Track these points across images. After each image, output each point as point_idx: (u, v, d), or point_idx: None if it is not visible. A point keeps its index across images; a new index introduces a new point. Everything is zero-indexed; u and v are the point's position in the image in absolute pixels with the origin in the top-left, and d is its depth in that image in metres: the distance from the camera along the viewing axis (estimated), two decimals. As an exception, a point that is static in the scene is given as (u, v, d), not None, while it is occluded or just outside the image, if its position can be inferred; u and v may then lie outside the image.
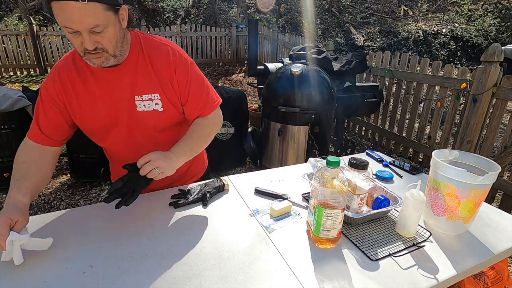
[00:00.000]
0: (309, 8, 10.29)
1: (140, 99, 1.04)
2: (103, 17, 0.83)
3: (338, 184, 0.85)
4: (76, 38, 0.85)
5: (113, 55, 0.93)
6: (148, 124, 1.08)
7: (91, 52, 0.88)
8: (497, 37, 8.39)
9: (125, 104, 1.04)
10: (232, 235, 0.95)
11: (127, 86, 1.02)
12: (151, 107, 1.05)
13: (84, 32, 0.83)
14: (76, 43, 0.86)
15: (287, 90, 2.58)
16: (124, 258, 0.85)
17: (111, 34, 0.88)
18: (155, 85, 1.04)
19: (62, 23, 0.82)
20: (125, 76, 1.01)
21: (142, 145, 1.11)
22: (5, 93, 2.59)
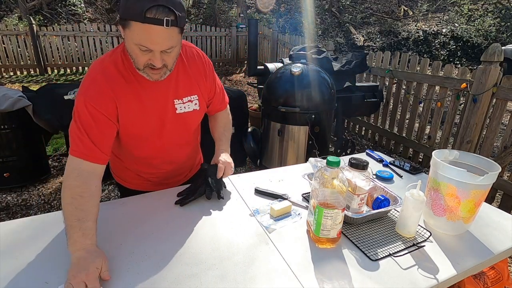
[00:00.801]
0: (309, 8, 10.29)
1: (180, 102, 1.10)
2: (177, 40, 0.91)
3: (338, 184, 0.85)
4: (145, 55, 0.89)
5: (170, 70, 0.98)
6: (189, 123, 1.16)
7: (154, 68, 0.92)
8: (497, 37, 8.38)
9: (167, 109, 1.08)
10: (232, 235, 0.95)
11: (169, 92, 1.07)
12: (191, 108, 1.13)
13: (156, 52, 0.88)
14: (143, 59, 0.90)
15: (287, 90, 2.58)
16: (124, 258, 0.85)
17: (176, 53, 0.95)
18: (194, 87, 1.13)
19: (138, 42, 0.85)
20: (169, 83, 1.06)
21: (173, 145, 1.18)
22: (5, 93, 2.59)
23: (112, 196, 2.78)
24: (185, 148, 1.25)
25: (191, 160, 1.35)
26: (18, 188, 2.83)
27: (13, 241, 0.90)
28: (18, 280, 0.76)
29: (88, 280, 0.73)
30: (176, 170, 1.29)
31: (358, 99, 3.31)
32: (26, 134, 2.74)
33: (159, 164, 1.22)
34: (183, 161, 1.28)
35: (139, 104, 1.02)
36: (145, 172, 1.25)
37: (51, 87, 2.79)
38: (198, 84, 1.14)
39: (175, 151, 1.21)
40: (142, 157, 1.18)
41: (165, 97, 1.07)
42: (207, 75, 1.17)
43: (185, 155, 1.27)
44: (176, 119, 1.11)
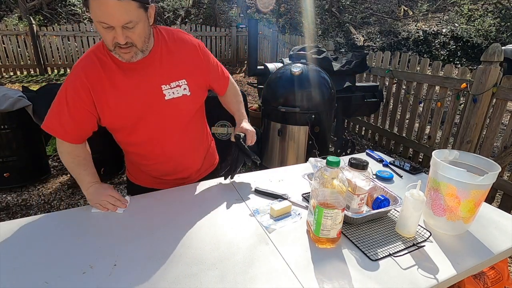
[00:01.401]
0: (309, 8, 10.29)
1: (168, 87, 1.09)
2: (136, 14, 0.90)
3: (338, 184, 0.85)
4: (109, 33, 0.91)
5: (141, 50, 1.00)
6: (181, 109, 1.14)
7: (122, 47, 0.94)
8: (497, 37, 8.38)
9: (153, 95, 1.08)
10: (232, 235, 0.95)
11: (154, 77, 1.07)
12: (180, 93, 1.12)
13: (117, 28, 0.90)
14: (108, 38, 0.92)
15: (287, 90, 2.58)
16: (124, 258, 0.85)
17: (141, 30, 0.95)
18: (181, 72, 1.12)
19: (97, 18, 0.88)
20: (151, 68, 1.07)
21: (172, 134, 1.17)
22: (5, 93, 2.59)
23: (112, 196, 2.78)
24: (182, 139, 1.20)
25: (195, 156, 1.30)
26: (18, 188, 2.83)
27: (13, 241, 0.90)
28: (18, 280, 0.76)
29: (112, 193, 1.07)
30: (177, 165, 1.25)
31: (358, 99, 3.31)
32: (26, 134, 2.74)
33: (156, 156, 1.19)
34: (182, 154, 1.23)
35: (116, 90, 1.04)
36: (145, 165, 1.24)
37: (51, 87, 2.79)
38: (187, 68, 1.13)
39: (170, 141, 1.17)
40: (137, 148, 1.18)
41: (150, 83, 1.07)
42: (200, 57, 1.16)
43: (183, 147, 1.22)
44: (166, 106, 1.10)
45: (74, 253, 0.86)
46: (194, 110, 1.20)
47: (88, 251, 0.86)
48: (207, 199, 1.15)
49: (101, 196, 1.06)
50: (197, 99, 1.18)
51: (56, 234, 0.93)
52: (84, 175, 1.09)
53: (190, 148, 1.26)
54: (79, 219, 1.01)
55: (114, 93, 1.03)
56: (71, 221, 1.00)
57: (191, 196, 1.17)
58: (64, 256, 0.84)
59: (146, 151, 1.18)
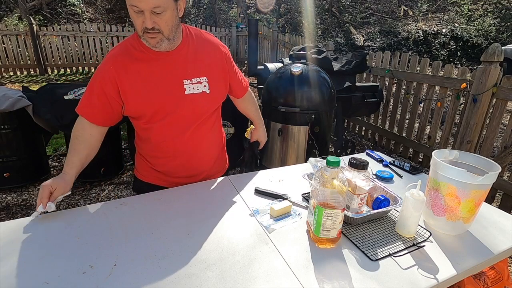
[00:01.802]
0: (309, 8, 10.29)
1: (189, 82, 1.14)
2: (165, 1, 0.95)
3: (338, 184, 0.85)
4: (139, 17, 0.97)
5: (167, 38, 1.04)
6: (198, 106, 1.17)
7: (149, 32, 0.99)
8: (497, 37, 8.38)
9: (174, 88, 1.12)
10: (232, 235, 0.95)
11: (178, 71, 1.12)
12: (200, 89, 1.15)
13: (146, 12, 0.95)
14: (138, 22, 0.98)
15: (287, 90, 2.58)
16: (124, 258, 0.85)
17: (168, 17, 0.99)
18: (204, 70, 1.17)
19: (130, 2, 0.94)
20: (176, 61, 1.12)
21: (186, 129, 1.19)
22: (5, 93, 2.59)
23: (112, 196, 2.78)
24: (195, 136, 1.22)
25: (205, 157, 1.30)
26: (18, 188, 2.83)
27: (13, 241, 0.90)
28: (18, 280, 0.76)
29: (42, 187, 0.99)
30: (186, 162, 1.25)
31: (358, 99, 3.31)
32: (26, 134, 2.74)
33: (166, 149, 1.21)
34: (192, 151, 1.24)
35: (142, 79, 1.08)
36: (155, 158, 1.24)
37: (51, 87, 2.78)
38: (209, 67, 1.18)
39: (183, 136, 1.19)
40: (151, 137, 1.19)
41: (173, 75, 1.11)
42: (228, 61, 1.25)
43: (195, 144, 1.23)
44: (185, 100, 1.13)
45: (74, 253, 0.86)
46: (211, 109, 1.23)
47: (88, 251, 0.86)
48: (207, 199, 1.15)
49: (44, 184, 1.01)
50: (215, 98, 1.22)
51: (56, 234, 0.93)
52: (67, 159, 1.09)
53: (201, 147, 1.26)
54: (79, 219, 1.01)
55: (138, 81, 1.08)
56: (71, 221, 1.00)
57: (191, 196, 1.17)
58: (64, 256, 0.84)
59: (158, 142, 1.20)
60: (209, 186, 1.25)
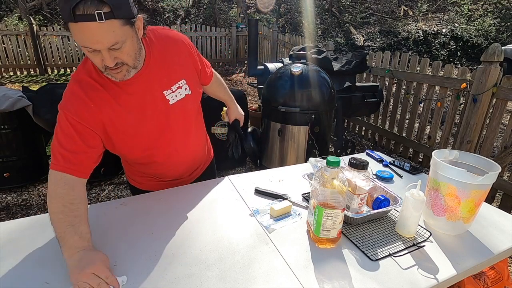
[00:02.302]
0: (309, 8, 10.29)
1: (170, 91, 1.05)
2: (121, 33, 0.82)
3: (338, 184, 0.85)
4: (96, 56, 0.84)
5: (133, 67, 0.92)
6: (186, 109, 1.11)
7: (112, 68, 0.87)
8: (497, 37, 8.38)
9: (158, 104, 1.03)
10: (232, 235, 0.95)
11: (154, 86, 1.01)
12: (182, 94, 1.08)
13: (103, 51, 0.82)
14: (96, 60, 0.85)
15: (287, 90, 2.58)
16: (124, 258, 0.85)
17: (130, 48, 0.87)
18: (179, 72, 1.07)
19: (81, 43, 0.80)
20: (149, 77, 1.00)
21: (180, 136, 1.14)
22: (5, 93, 2.59)
23: (112, 196, 2.78)
24: (193, 138, 1.22)
25: (201, 155, 1.32)
26: (18, 188, 2.83)
27: (13, 241, 0.90)
28: (18, 280, 0.76)
29: (96, 271, 0.74)
30: (190, 165, 1.27)
31: (358, 99, 3.31)
32: (26, 134, 2.74)
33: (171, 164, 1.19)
34: (188, 154, 1.23)
35: (125, 108, 0.97)
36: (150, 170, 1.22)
37: (51, 87, 2.79)
38: (182, 66, 1.08)
39: (184, 145, 1.17)
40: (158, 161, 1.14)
41: (152, 93, 1.01)
42: (189, 51, 1.11)
43: (194, 147, 1.25)
44: (172, 110, 1.06)
45: (74, 253, 0.86)
46: (196, 108, 1.20)
47: (88, 251, 0.86)
48: (207, 199, 1.15)
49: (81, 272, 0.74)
50: (197, 95, 1.17)
51: (56, 234, 0.93)
52: (70, 234, 0.81)
53: (195, 146, 1.27)
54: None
55: (122, 111, 0.96)
56: (71, 221, 1.00)
57: (191, 196, 1.17)
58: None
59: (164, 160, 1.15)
60: (209, 186, 1.25)
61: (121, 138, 0.99)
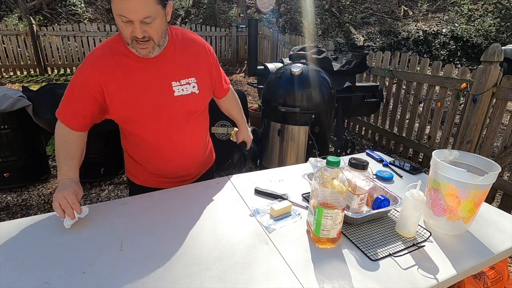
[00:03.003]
0: (309, 8, 10.29)
1: (178, 84, 1.12)
2: (154, 10, 0.93)
3: (338, 184, 0.85)
4: (128, 27, 0.94)
5: (158, 45, 1.03)
6: (188, 107, 1.16)
7: (139, 42, 0.98)
8: (497, 37, 8.38)
9: (163, 91, 1.10)
10: (232, 235, 0.95)
11: (165, 74, 1.10)
12: (189, 90, 1.14)
13: (136, 22, 0.93)
14: (127, 31, 0.96)
15: (287, 90, 2.58)
16: (124, 258, 0.85)
17: (158, 25, 0.98)
18: (192, 70, 1.15)
19: (118, 12, 0.92)
20: (163, 64, 1.09)
21: (178, 131, 1.18)
22: (5, 93, 2.59)
23: (112, 196, 2.78)
24: (189, 137, 1.23)
25: (197, 155, 1.32)
26: (18, 188, 2.83)
27: (13, 241, 0.90)
28: (18, 280, 0.76)
29: (66, 196, 0.94)
30: (185, 163, 1.27)
31: (358, 99, 3.31)
32: (26, 134, 2.74)
33: (164, 154, 1.21)
34: (190, 154, 1.27)
35: (130, 83, 1.06)
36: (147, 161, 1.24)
37: (51, 87, 2.79)
38: (197, 67, 1.16)
39: (177, 139, 1.19)
40: (145, 144, 1.18)
41: (162, 79, 1.09)
42: (213, 60, 1.22)
43: (190, 146, 1.25)
44: (175, 102, 1.12)
45: (74, 253, 0.86)
46: (200, 109, 1.23)
47: (88, 251, 0.86)
48: (207, 199, 1.15)
49: (58, 194, 0.96)
50: (204, 98, 1.21)
51: (56, 234, 0.93)
52: (63, 164, 1.04)
53: (193, 147, 1.27)
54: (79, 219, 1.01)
55: (125, 85, 1.05)
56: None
57: (191, 196, 1.17)
58: (64, 256, 0.84)
59: (151, 146, 1.19)
60: (209, 186, 1.25)
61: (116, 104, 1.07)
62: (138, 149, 1.23)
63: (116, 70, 1.04)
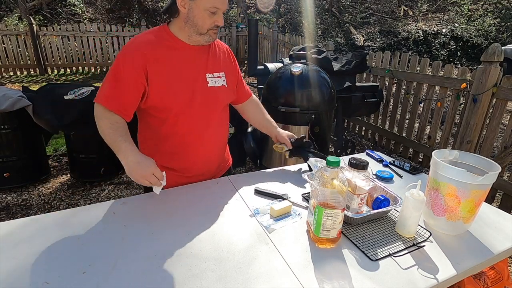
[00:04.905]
0: (309, 8, 10.29)
1: (211, 76, 1.22)
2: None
3: (338, 184, 0.85)
4: (212, 17, 1.09)
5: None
6: (219, 98, 1.24)
7: (215, 29, 1.13)
8: (497, 37, 8.38)
9: (199, 80, 1.19)
10: (232, 235, 0.95)
11: (201, 65, 1.20)
12: (220, 83, 1.24)
13: (221, 12, 1.10)
14: (209, 21, 1.09)
15: (287, 90, 2.58)
16: (124, 258, 0.85)
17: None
18: (221, 65, 1.27)
19: (212, 4, 1.06)
20: (201, 55, 1.20)
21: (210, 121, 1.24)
22: (5, 93, 2.59)
23: (112, 196, 2.78)
24: (214, 130, 1.27)
25: (219, 155, 1.36)
26: (18, 188, 2.83)
27: (13, 241, 0.90)
28: (18, 280, 0.76)
29: (155, 172, 1.03)
30: (205, 159, 1.29)
31: (358, 99, 3.31)
32: (26, 134, 2.74)
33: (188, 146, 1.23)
34: (211, 148, 1.30)
35: (171, 71, 1.13)
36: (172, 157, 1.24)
37: (51, 87, 2.79)
38: (225, 63, 1.28)
39: (204, 130, 1.24)
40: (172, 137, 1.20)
41: (198, 69, 1.19)
42: (232, 60, 1.33)
43: (213, 140, 1.29)
44: (207, 92, 1.20)
45: (74, 253, 0.86)
46: (227, 102, 1.32)
47: (88, 251, 0.86)
48: (207, 199, 1.15)
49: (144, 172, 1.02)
50: (230, 92, 1.30)
51: (56, 234, 0.93)
52: (121, 142, 1.05)
53: (217, 140, 1.32)
54: (79, 219, 1.01)
55: (166, 70, 1.12)
56: (71, 221, 1.00)
57: (191, 196, 1.17)
58: (64, 256, 0.84)
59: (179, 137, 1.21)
60: (209, 186, 1.25)
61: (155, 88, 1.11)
62: (164, 143, 1.22)
63: (160, 54, 1.11)
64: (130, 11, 10.08)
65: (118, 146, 1.04)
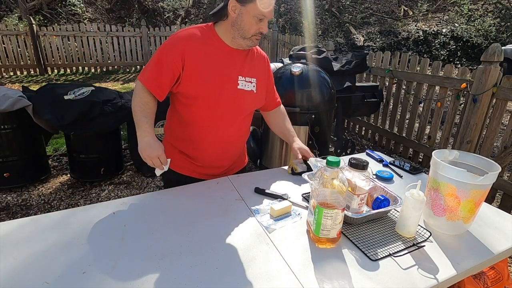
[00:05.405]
0: (309, 8, 10.29)
1: (243, 79, 1.26)
2: None
3: (338, 184, 0.85)
4: (257, 24, 1.15)
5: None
6: (245, 101, 1.29)
7: (258, 35, 1.18)
8: (497, 37, 8.38)
9: (230, 80, 1.24)
10: (232, 234, 0.95)
11: (236, 67, 1.25)
12: (249, 88, 1.28)
13: (267, 20, 1.16)
14: (255, 28, 1.16)
15: (287, 90, 2.58)
16: (124, 258, 0.85)
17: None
18: (255, 72, 1.31)
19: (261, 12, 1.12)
20: (237, 58, 1.25)
21: (234, 121, 1.29)
22: (5, 93, 2.58)
23: (112, 196, 2.78)
24: (235, 131, 1.32)
25: (236, 150, 1.40)
26: (18, 188, 2.83)
27: (13, 241, 0.90)
28: (18, 280, 0.76)
29: (160, 156, 1.15)
30: (221, 154, 1.34)
31: (358, 99, 3.30)
32: (26, 134, 2.74)
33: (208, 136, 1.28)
34: (229, 145, 1.34)
35: (207, 64, 1.19)
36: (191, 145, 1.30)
37: (51, 87, 2.78)
38: (259, 71, 1.33)
39: (224, 128, 1.28)
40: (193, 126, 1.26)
41: (232, 70, 1.23)
42: (267, 69, 1.38)
43: (231, 140, 1.34)
44: (236, 94, 1.24)
45: (74, 253, 0.86)
46: (253, 108, 1.36)
47: (88, 251, 0.86)
48: (207, 199, 1.15)
49: (151, 153, 1.14)
50: (259, 99, 1.35)
51: (56, 234, 0.93)
52: (143, 122, 1.17)
53: (235, 141, 1.37)
54: (79, 219, 1.01)
55: (203, 63, 1.18)
56: (71, 221, 1.00)
57: (191, 196, 1.17)
58: (64, 256, 0.84)
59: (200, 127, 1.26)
60: (209, 186, 1.25)
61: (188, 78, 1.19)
62: (184, 129, 1.29)
63: (200, 48, 1.18)
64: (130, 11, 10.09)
65: (140, 125, 1.17)
